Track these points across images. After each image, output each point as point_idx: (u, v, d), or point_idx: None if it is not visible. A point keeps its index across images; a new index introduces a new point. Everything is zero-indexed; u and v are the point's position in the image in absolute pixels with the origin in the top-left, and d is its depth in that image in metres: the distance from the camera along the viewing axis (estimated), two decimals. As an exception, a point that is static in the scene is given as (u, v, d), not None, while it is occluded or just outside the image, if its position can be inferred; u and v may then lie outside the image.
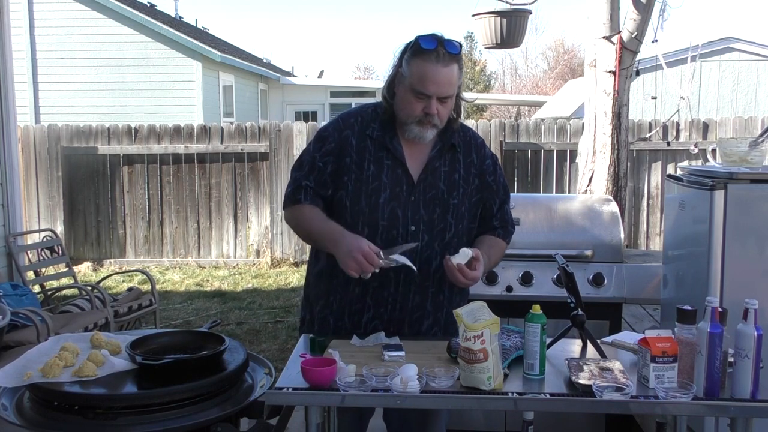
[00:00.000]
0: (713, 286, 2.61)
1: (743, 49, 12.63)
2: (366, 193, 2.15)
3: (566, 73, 30.18)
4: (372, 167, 2.17)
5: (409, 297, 2.21)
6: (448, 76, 2.07)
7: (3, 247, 5.51)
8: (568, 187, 8.02)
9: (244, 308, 6.43)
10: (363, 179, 2.16)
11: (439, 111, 2.10)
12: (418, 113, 2.10)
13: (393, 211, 2.16)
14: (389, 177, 2.16)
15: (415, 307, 2.22)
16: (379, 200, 2.15)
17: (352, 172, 2.16)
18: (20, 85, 8.95)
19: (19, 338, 3.81)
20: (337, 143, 2.19)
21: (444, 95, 2.08)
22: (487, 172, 2.27)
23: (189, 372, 1.90)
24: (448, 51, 2.06)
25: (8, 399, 1.91)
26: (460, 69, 2.11)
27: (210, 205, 8.43)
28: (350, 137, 2.19)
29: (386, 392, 1.79)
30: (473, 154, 2.26)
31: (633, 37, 4.65)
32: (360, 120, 2.22)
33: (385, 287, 2.18)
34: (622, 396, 1.74)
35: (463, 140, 2.25)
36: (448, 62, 2.06)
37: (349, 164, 2.17)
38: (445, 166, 2.21)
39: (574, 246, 3.17)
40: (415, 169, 2.18)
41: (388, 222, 2.15)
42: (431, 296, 2.23)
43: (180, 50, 12.30)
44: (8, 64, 5.62)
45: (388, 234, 2.15)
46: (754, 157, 2.69)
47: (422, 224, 2.16)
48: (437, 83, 2.06)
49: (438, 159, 2.20)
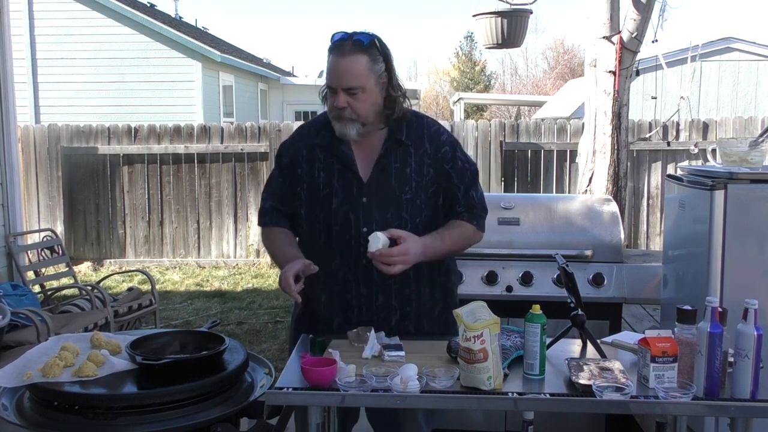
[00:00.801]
0: (713, 286, 2.61)
1: (743, 49, 12.63)
2: (319, 200, 2.19)
3: (566, 73, 30.17)
4: (322, 174, 2.19)
5: (372, 297, 2.21)
6: (347, 67, 2.06)
7: (3, 247, 5.51)
8: (568, 187, 8.02)
9: (244, 308, 6.43)
10: (315, 187, 2.19)
11: (351, 104, 2.08)
12: (331, 108, 2.11)
13: (345, 215, 2.17)
14: (340, 182, 2.17)
15: (381, 306, 2.22)
16: (332, 206, 2.17)
17: (304, 182, 2.20)
18: (20, 85, 8.95)
19: (19, 338, 3.81)
20: (290, 157, 2.25)
21: (347, 86, 2.06)
22: (444, 159, 2.20)
23: (189, 372, 1.90)
24: (352, 42, 2.07)
25: (8, 399, 1.91)
26: (372, 61, 2.08)
27: (210, 205, 8.43)
28: (302, 149, 2.23)
29: (386, 392, 1.79)
30: (426, 144, 2.20)
31: (633, 37, 4.64)
32: (312, 129, 2.27)
33: (348, 290, 2.20)
34: (622, 396, 1.74)
35: (415, 132, 2.20)
36: (350, 54, 2.06)
37: (300, 175, 2.21)
38: (396, 162, 2.18)
39: (574, 246, 3.17)
40: (365, 170, 2.18)
41: (341, 227, 2.17)
42: (395, 293, 2.22)
43: (180, 50, 12.30)
44: (8, 64, 5.62)
45: (342, 238, 2.17)
46: (754, 157, 2.69)
47: (375, 225, 2.13)
48: (337, 75, 2.07)
49: (387, 156, 2.18)
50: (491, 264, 3.19)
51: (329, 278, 2.18)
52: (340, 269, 2.18)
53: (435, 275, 2.28)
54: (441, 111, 32.51)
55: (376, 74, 2.09)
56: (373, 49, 2.09)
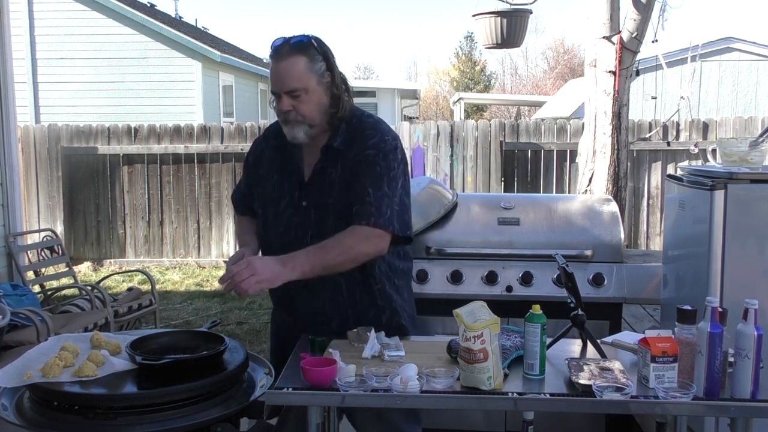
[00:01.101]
0: (713, 286, 2.61)
1: (743, 49, 12.62)
2: (272, 201, 2.24)
3: (566, 73, 30.18)
4: (275, 176, 2.24)
5: (309, 302, 2.24)
6: (286, 69, 2.07)
7: (3, 247, 5.51)
8: (568, 187, 8.02)
9: (244, 308, 6.43)
10: (268, 188, 2.25)
11: (295, 107, 2.09)
12: (279, 113, 2.14)
13: (290, 217, 2.21)
14: (288, 184, 2.22)
15: (317, 312, 2.25)
16: (280, 208, 2.22)
17: (264, 182, 2.28)
18: (20, 85, 8.94)
19: (19, 338, 3.81)
20: (254, 157, 2.34)
21: (288, 89, 2.07)
22: (365, 162, 2.13)
23: (189, 372, 1.90)
24: (288, 45, 2.08)
25: (8, 399, 1.91)
26: (311, 61, 2.08)
27: (210, 205, 8.43)
28: (264, 150, 2.31)
29: (386, 392, 1.79)
30: (355, 146, 2.15)
31: (633, 37, 4.64)
32: (273, 132, 2.30)
33: (288, 293, 2.21)
34: (622, 396, 1.74)
35: (351, 134, 2.17)
36: (288, 56, 2.07)
37: (261, 175, 2.29)
38: (329, 166, 2.17)
39: (574, 246, 3.17)
40: (309, 173, 2.21)
41: (285, 228, 2.21)
42: (328, 301, 2.23)
43: (180, 50, 12.30)
44: (8, 64, 5.62)
45: (284, 239, 2.20)
46: (754, 157, 2.69)
47: (310, 228, 2.17)
48: (278, 79, 2.09)
49: (323, 161, 2.18)
50: (491, 264, 3.18)
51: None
52: None
53: (371, 282, 2.23)
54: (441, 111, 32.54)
55: (317, 74, 2.09)
56: (311, 50, 2.09)
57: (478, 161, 8.25)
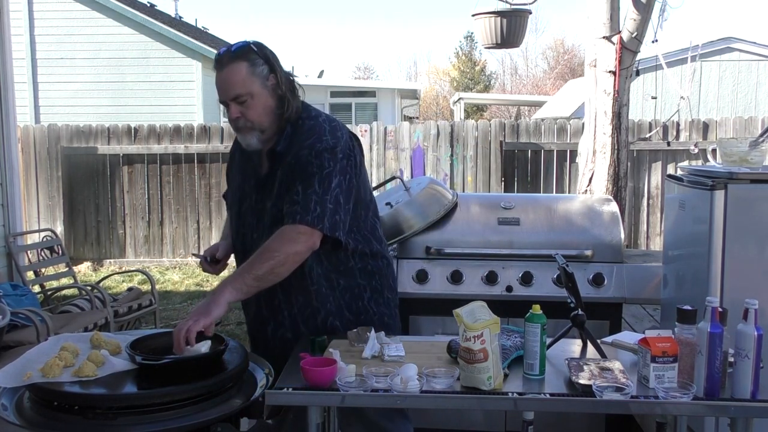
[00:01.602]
0: (713, 286, 2.60)
1: (743, 49, 12.62)
2: (235, 201, 2.30)
3: (566, 73, 30.18)
4: (239, 177, 2.32)
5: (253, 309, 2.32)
6: (228, 77, 2.08)
7: (3, 247, 5.51)
8: (568, 187, 8.02)
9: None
10: (234, 189, 2.34)
11: (243, 113, 2.10)
12: (230, 122, 2.16)
13: (248, 220, 2.26)
14: (248, 186, 2.27)
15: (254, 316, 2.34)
16: (241, 208, 2.27)
17: (230, 184, 2.39)
18: (20, 85, 8.94)
19: (19, 338, 3.81)
20: (230, 157, 2.42)
21: (233, 96, 2.08)
22: (298, 163, 2.11)
23: (189, 372, 1.90)
24: (227, 54, 2.09)
25: (8, 399, 1.91)
26: (252, 65, 2.08)
27: (210, 205, 8.43)
28: (236, 152, 2.36)
29: (386, 392, 1.79)
30: (293, 149, 2.14)
31: (633, 37, 4.64)
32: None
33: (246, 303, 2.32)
34: (622, 396, 1.74)
35: (292, 137, 2.16)
36: (228, 64, 2.08)
37: (231, 176, 2.38)
38: (271, 170, 2.18)
39: (574, 246, 3.17)
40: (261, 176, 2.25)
41: (244, 230, 2.27)
42: (264, 302, 2.27)
43: (180, 50, 12.29)
44: (8, 64, 5.62)
45: (243, 239, 2.27)
46: (754, 157, 2.69)
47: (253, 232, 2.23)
48: (222, 87, 2.10)
49: (270, 165, 2.18)
50: (491, 264, 3.18)
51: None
52: None
53: (306, 284, 2.21)
54: (441, 111, 32.53)
55: (260, 77, 2.09)
56: (251, 54, 2.09)
57: (478, 161, 8.25)
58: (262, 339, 2.32)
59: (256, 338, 2.37)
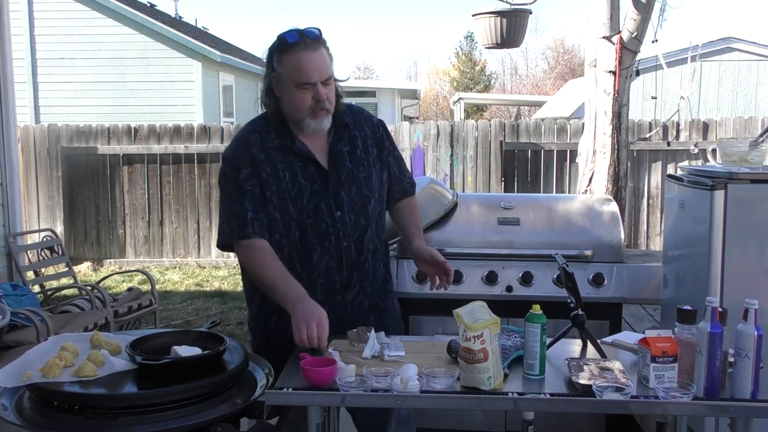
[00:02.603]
0: (713, 286, 2.60)
1: (743, 49, 12.62)
2: (291, 199, 2.21)
3: (566, 73, 30.18)
4: (287, 174, 2.21)
5: (354, 277, 2.28)
6: (321, 59, 2.14)
7: (3, 247, 5.51)
8: (568, 187, 8.02)
9: (244, 308, 6.42)
10: (283, 188, 2.21)
11: (327, 96, 2.16)
12: (308, 104, 2.14)
13: (316, 206, 2.21)
14: (305, 177, 2.22)
15: (353, 284, 2.30)
16: (303, 201, 2.21)
17: (272, 185, 2.20)
18: (20, 85, 8.95)
19: (19, 338, 3.81)
20: (250, 164, 2.21)
21: (325, 78, 2.15)
22: (383, 138, 2.37)
23: (189, 372, 1.90)
24: (310, 37, 2.13)
25: (8, 399, 1.90)
26: (327, 51, 2.18)
27: (210, 205, 8.42)
28: (258, 154, 2.22)
29: (386, 392, 1.79)
30: (364, 127, 2.34)
31: (633, 37, 4.64)
32: (258, 135, 2.25)
33: (331, 277, 2.26)
34: (622, 396, 1.74)
35: (352, 117, 2.32)
36: (316, 47, 2.13)
37: (266, 179, 2.20)
38: (346, 145, 2.28)
39: (574, 246, 3.17)
40: (323, 159, 2.25)
41: (314, 219, 2.21)
42: (368, 272, 2.31)
43: (180, 50, 12.29)
44: (8, 64, 5.62)
45: (317, 229, 2.22)
46: (754, 157, 2.69)
47: (345, 206, 2.23)
48: (317, 68, 2.12)
49: (338, 142, 2.27)
50: (491, 264, 3.18)
51: (312, 272, 2.23)
52: (321, 259, 2.23)
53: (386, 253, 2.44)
54: (441, 111, 32.53)
55: (332, 62, 2.20)
56: (325, 42, 2.19)
57: (478, 161, 8.25)
58: (337, 305, 2.26)
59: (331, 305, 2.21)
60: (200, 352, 2.00)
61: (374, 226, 2.30)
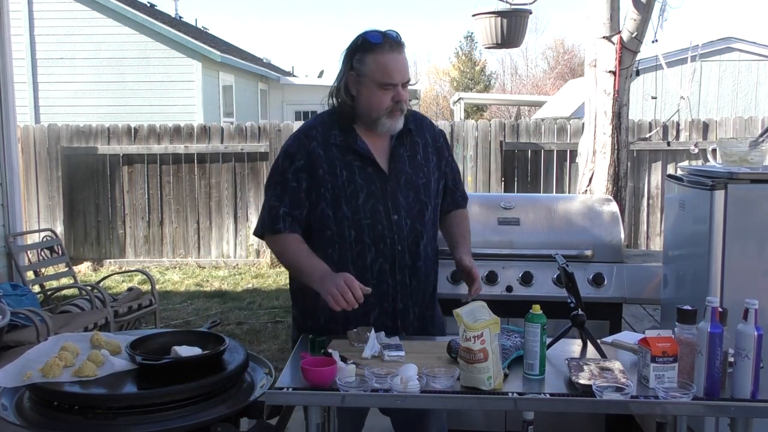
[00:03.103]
0: (713, 286, 2.61)
1: (743, 49, 12.62)
2: (345, 198, 2.20)
3: (566, 73, 30.17)
4: (344, 173, 2.21)
5: (407, 282, 2.26)
6: (404, 62, 2.20)
7: (3, 247, 5.51)
8: (568, 187, 8.02)
9: (244, 308, 6.43)
10: (339, 186, 2.21)
11: (404, 98, 2.20)
12: (387, 104, 2.17)
13: (374, 207, 2.21)
14: (362, 177, 2.22)
15: (414, 291, 2.28)
16: (359, 201, 2.21)
17: (327, 182, 2.21)
18: (20, 85, 8.95)
19: (19, 338, 3.81)
20: (306, 159, 2.22)
21: (407, 80, 2.20)
22: (443, 148, 2.40)
23: (189, 372, 1.90)
24: (393, 40, 2.18)
25: (8, 399, 1.91)
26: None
27: (210, 205, 8.43)
28: (317, 149, 2.22)
29: (386, 392, 1.79)
30: (426, 134, 2.37)
31: (633, 37, 4.64)
32: (321, 130, 2.26)
33: (384, 281, 2.23)
34: (622, 396, 1.74)
35: (414, 123, 2.34)
36: (399, 49, 2.19)
37: (322, 175, 2.21)
38: (407, 150, 2.30)
39: (574, 246, 3.17)
40: (382, 161, 2.26)
41: (371, 219, 2.21)
42: (423, 277, 2.30)
43: (180, 50, 12.29)
44: (8, 64, 5.62)
45: (374, 230, 2.21)
46: (754, 157, 2.69)
47: (402, 210, 2.23)
48: (400, 70, 2.17)
49: (400, 146, 2.28)
50: (491, 264, 3.18)
51: (365, 273, 2.21)
52: (375, 261, 2.23)
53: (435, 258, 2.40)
54: (441, 111, 32.51)
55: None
56: (404, 44, 2.24)
57: (478, 161, 8.25)
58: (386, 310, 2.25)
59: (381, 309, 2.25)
60: (200, 352, 2.00)
61: (429, 233, 2.31)
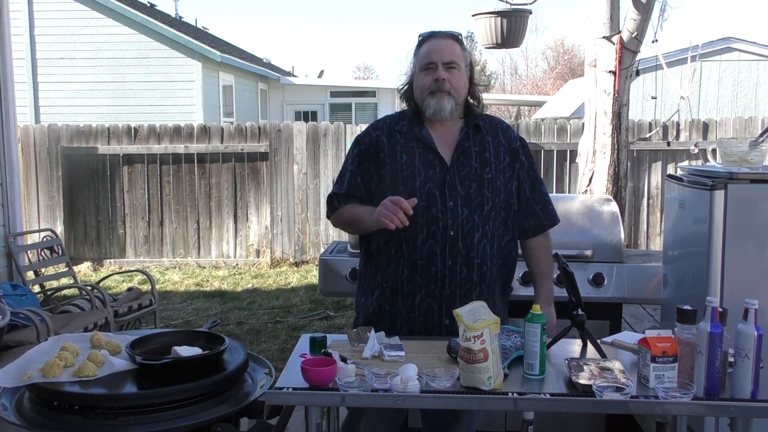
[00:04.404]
0: (713, 286, 2.60)
1: (743, 49, 12.63)
2: (402, 179, 2.27)
3: (566, 73, 30.17)
4: (404, 156, 2.30)
5: (456, 270, 2.26)
6: (446, 44, 2.28)
7: (3, 247, 5.51)
8: (568, 187, 8.02)
9: (244, 308, 6.43)
10: (397, 168, 2.29)
11: (448, 78, 2.24)
12: (428, 84, 2.26)
13: (430, 191, 2.26)
14: (422, 162, 2.29)
15: (464, 279, 2.28)
16: (416, 183, 2.27)
17: (386, 164, 2.31)
18: (20, 85, 8.95)
19: (19, 338, 3.81)
20: (367, 144, 2.38)
21: (447, 60, 2.25)
22: (519, 151, 2.41)
23: (189, 372, 1.90)
24: (449, 32, 2.32)
25: (8, 399, 1.91)
26: (462, 48, 2.31)
27: (210, 205, 8.43)
28: (381, 136, 2.36)
29: (386, 392, 1.79)
30: (500, 135, 2.39)
31: (633, 37, 4.65)
32: (389, 121, 2.42)
33: (433, 263, 2.25)
34: (622, 396, 1.74)
35: (489, 124, 2.40)
36: (445, 38, 2.30)
37: (383, 158, 2.32)
38: (475, 146, 2.33)
39: (574, 246, 3.17)
40: (446, 152, 2.30)
41: (426, 202, 2.25)
42: (477, 267, 2.29)
43: (180, 50, 12.30)
44: (8, 64, 5.62)
45: (428, 212, 2.25)
46: (754, 157, 2.69)
47: (459, 199, 2.26)
48: (439, 50, 2.26)
49: (467, 140, 2.32)
50: (491, 264, 3.18)
51: (414, 253, 2.25)
52: (425, 243, 2.25)
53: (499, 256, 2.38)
54: (441, 111, 32.42)
55: (465, 60, 2.31)
56: (461, 41, 2.34)
57: (478, 161, 8.24)
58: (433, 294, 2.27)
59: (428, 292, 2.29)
60: (200, 352, 2.00)
61: (489, 227, 2.28)
